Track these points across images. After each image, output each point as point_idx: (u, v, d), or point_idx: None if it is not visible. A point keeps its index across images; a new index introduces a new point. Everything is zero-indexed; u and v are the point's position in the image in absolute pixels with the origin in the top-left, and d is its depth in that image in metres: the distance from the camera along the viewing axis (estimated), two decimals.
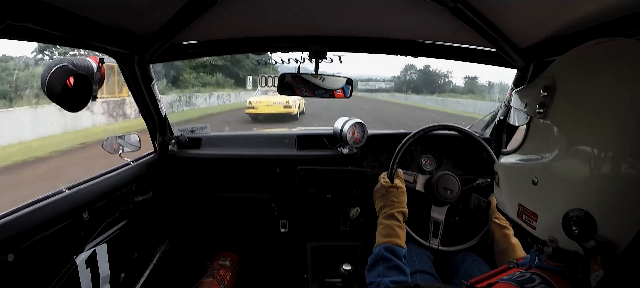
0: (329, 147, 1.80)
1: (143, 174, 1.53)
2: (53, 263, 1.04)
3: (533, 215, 0.64)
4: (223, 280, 1.77)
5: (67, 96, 0.98)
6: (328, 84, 1.47)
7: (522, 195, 0.67)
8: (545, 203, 0.61)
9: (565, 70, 0.63)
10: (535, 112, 0.64)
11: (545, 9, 0.97)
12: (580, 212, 0.55)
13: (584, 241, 0.54)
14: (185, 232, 1.89)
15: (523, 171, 0.67)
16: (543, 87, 0.63)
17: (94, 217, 1.19)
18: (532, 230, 0.64)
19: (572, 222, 0.55)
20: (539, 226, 0.63)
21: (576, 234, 0.55)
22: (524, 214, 0.66)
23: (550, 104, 0.61)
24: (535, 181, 0.63)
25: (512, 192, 0.71)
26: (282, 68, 1.54)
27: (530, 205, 0.65)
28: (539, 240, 0.64)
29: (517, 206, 0.68)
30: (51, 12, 0.82)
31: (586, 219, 0.54)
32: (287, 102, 12.19)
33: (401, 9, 1.17)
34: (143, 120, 1.62)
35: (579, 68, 0.62)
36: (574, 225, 0.55)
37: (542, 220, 0.62)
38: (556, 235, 0.59)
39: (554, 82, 0.62)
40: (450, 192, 1.40)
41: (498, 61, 1.44)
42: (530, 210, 0.64)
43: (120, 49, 1.22)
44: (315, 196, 1.68)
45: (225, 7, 1.10)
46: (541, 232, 0.63)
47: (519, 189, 0.68)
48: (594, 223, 0.54)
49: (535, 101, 0.64)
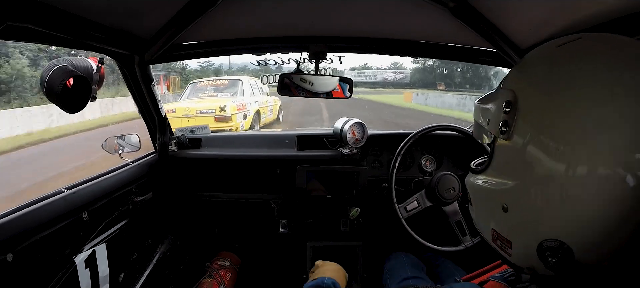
0: (329, 147, 1.80)
1: (143, 175, 1.54)
2: (52, 263, 1.04)
3: (507, 243, 0.59)
4: (223, 280, 1.77)
5: (66, 97, 0.98)
6: (326, 84, 1.47)
7: (494, 221, 0.62)
8: (518, 231, 0.57)
9: (525, 81, 0.58)
10: (498, 131, 0.57)
11: (546, 9, 0.96)
12: (554, 243, 0.50)
13: (562, 270, 0.50)
14: (185, 232, 1.90)
15: (492, 195, 0.61)
16: (505, 102, 0.56)
17: (94, 217, 1.19)
18: (508, 257, 0.60)
19: (547, 251, 0.51)
20: (515, 253, 0.58)
21: (553, 264, 0.51)
22: (498, 240, 0.61)
23: (514, 122, 0.55)
24: (505, 208, 0.57)
25: (485, 215, 0.66)
26: (280, 68, 1.53)
27: (503, 232, 0.60)
28: (516, 267, 0.60)
29: (491, 231, 0.63)
30: (51, 13, 0.82)
31: (561, 249, 0.50)
32: (222, 109, 6.81)
33: (401, 9, 1.17)
34: None
35: (540, 79, 0.56)
36: (549, 256, 0.51)
37: (517, 249, 0.58)
38: (533, 264, 0.55)
39: (515, 96, 0.55)
40: (453, 190, 1.40)
41: (498, 61, 1.44)
42: (504, 238, 0.59)
43: (120, 49, 1.22)
44: (315, 196, 1.69)
45: (225, 8, 1.10)
46: (517, 260, 0.59)
47: (491, 214, 0.62)
48: (570, 251, 0.50)
49: (498, 119, 0.57)
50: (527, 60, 0.60)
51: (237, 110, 7.12)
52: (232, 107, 7.01)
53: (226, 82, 8.26)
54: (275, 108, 9.57)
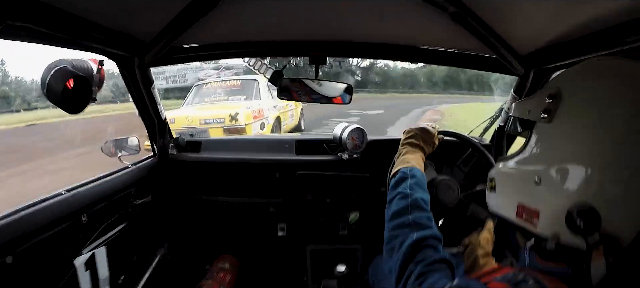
0: (328, 152, 1.80)
1: (142, 177, 1.53)
2: (52, 266, 1.04)
3: (534, 213, 0.65)
4: (222, 282, 1.76)
5: (66, 98, 0.98)
6: (326, 90, 1.47)
7: (522, 195, 0.69)
8: (548, 200, 0.63)
9: (570, 82, 0.67)
10: (540, 117, 0.67)
11: (546, 15, 0.96)
12: (584, 207, 0.56)
13: (588, 235, 0.55)
14: (185, 235, 1.89)
15: (525, 173, 0.69)
16: (548, 95, 0.66)
17: (93, 220, 1.19)
18: (533, 227, 0.65)
19: (577, 215, 0.56)
20: (541, 222, 0.64)
21: (581, 228, 0.56)
22: (524, 213, 0.68)
23: (556, 109, 0.65)
24: (537, 181, 0.65)
25: (512, 193, 0.72)
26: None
27: (531, 204, 0.66)
28: (540, 238, 0.64)
29: (517, 206, 0.69)
30: (52, 12, 0.82)
31: (590, 213, 0.55)
32: (233, 117, 5.34)
33: (401, 15, 1.17)
34: None
35: (584, 80, 0.66)
36: (578, 218, 0.56)
37: (544, 216, 0.63)
38: (558, 230, 0.60)
39: (559, 90, 0.65)
40: (452, 191, 1.39)
41: (498, 68, 1.43)
42: (532, 209, 0.66)
43: (121, 51, 1.22)
44: (314, 201, 1.68)
45: (226, 11, 1.10)
46: (543, 229, 0.64)
47: (520, 190, 0.69)
48: (598, 217, 0.55)
49: (540, 108, 0.67)
50: (571, 68, 0.70)
51: (252, 118, 5.63)
52: (246, 114, 5.51)
53: (238, 83, 6.72)
54: (296, 112, 7.89)
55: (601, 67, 0.66)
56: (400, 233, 0.80)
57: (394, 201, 0.89)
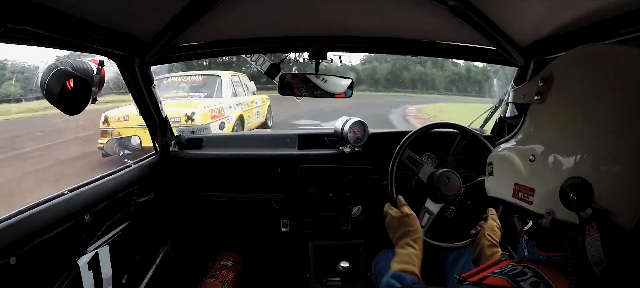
0: (330, 146, 1.80)
1: (144, 176, 1.54)
2: (55, 266, 1.04)
3: (530, 191, 0.66)
4: (225, 280, 1.77)
5: (66, 99, 0.98)
6: (329, 86, 1.47)
7: (518, 175, 0.69)
8: (543, 176, 0.63)
9: (562, 67, 0.67)
10: (533, 99, 0.68)
11: (545, 7, 0.96)
12: (576, 179, 0.57)
13: (582, 209, 0.56)
14: (187, 233, 1.90)
15: (520, 152, 0.70)
16: (541, 78, 0.67)
17: (96, 219, 1.20)
18: (529, 205, 0.66)
19: (569, 190, 0.57)
20: (536, 200, 0.65)
21: (574, 201, 0.56)
22: (520, 192, 0.69)
23: (548, 90, 0.66)
24: (532, 159, 0.66)
25: (508, 174, 0.73)
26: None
27: (526, 182, 0.67)
28: (535, 215, 0.65)
29: (513, 186, 0.70)
30: (51, 15, 0.82)
31: (584, 186, 0.56)
32: (189, 117, 5.04)
33: (401, 9, 1.17)
34: None
35: (575, 65, 0.66)
36: (571, 193, 0.57)
37: (539, 193, 0.64)
38: (553, 207, 0.61)
39: (551, 73, 0.66)
40: (451, 189, 1.40)
41: (499, 59, 1.44)
42: (527, 187, 0.67)
43: (121, 51, 1.22)
44: (316, 195, 1.69)
45: (225, 9, 1.10)
46: (538, 206, 0.64)
47: (515, 170, 0.70)
48: (591, 190, 0.56)
49: (533, 90, 0.68)
50: (562, 55, 0.71)
51: (211, 118, 5.35)
52: (203, 114, 5.22)
53: (201, 79, 6.38)
54: (263, 109, 7.69)
55: (594, 52, 0.66)
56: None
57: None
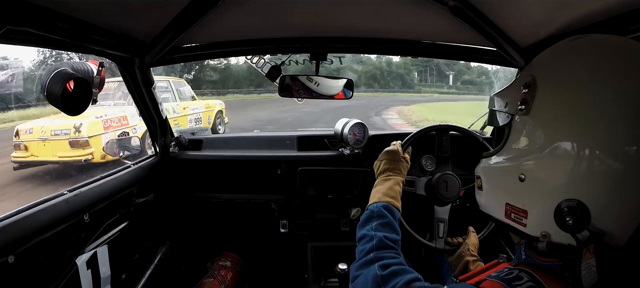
0: (330, 148, 1.80)
1: (144, 176, 1.54)
2: (54, 265, 1.04)
3: (523, 213, 0.63)
4: (224, 280, 1.78)
5: (66, 100, 0.98)
6: (327, 88, 1.47)
7: (509, 194, 0.66)
8: (535, 198, 0.61)
9: (544, 69, 0.63)
10: (517, 109, 0.64)
11: (545, 7, 0.96)
12: (572, 202, 0.54)
13: (578, 232, 0.53)
14: (186, 233, 1.90)
15: (508, 170, 0.66)
16: (523, 85, 0.63)
17: (95, 219, 1.20)
18: (523, 227, 0.63)
19: (565, 213, 0.54)
20: (530, 222, 0.62)
21: (570, 225, 0.54)
22: (512, 213, 0.65)
23: (532, 100, 0.61)
24: (522, 178, 0.62)
25: (498, 192, 0.70)
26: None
27: (519, 203, 0.64)
28: (530, 237, 0.63)
29: (505, 206, 0.67)
30: (51, 16, 0.82)
31: (579, 209, 0.53)
32: (77, 129, 4.64)
33: (401, 9, 1.16)
34: None
35: (557, 65, 0.62)
36: (567, 216, 0.54)
37: (533, 216, 0.61)
38: (548, 230, 0.59)
39: (533, 78, 0.62)
40: (451, 191, 1.40)
41: (499, 60, 1.43)
42: (519, 208, 0.63)
43: (121, 52, 1.22)
44: (316, 197, 1.69)
45: (226, 10, 1.10)
46: (532, 228, 0.62)
47: (505, 189, 0.67)
48: (587, 213, 0.53)
49: (516, 99, 0.64)
50: (544, 52, 0.66)
51: (103, 128, 4.79)
52: (92, 124, 4.67)
53: (115, 85, 5.64)
54: (205, 116, 6.77)
55: (574, 46, 0.62)
56: (364, 270, 0.79)
57: (360, 244, 0.89)
